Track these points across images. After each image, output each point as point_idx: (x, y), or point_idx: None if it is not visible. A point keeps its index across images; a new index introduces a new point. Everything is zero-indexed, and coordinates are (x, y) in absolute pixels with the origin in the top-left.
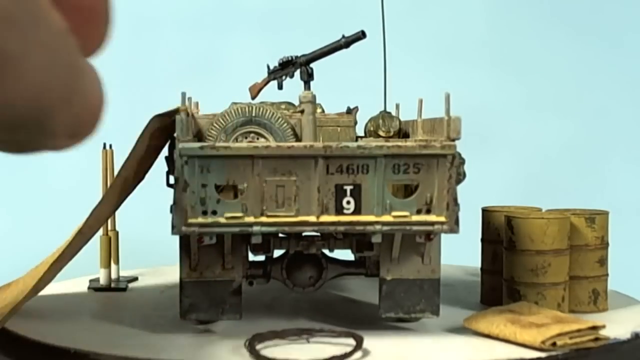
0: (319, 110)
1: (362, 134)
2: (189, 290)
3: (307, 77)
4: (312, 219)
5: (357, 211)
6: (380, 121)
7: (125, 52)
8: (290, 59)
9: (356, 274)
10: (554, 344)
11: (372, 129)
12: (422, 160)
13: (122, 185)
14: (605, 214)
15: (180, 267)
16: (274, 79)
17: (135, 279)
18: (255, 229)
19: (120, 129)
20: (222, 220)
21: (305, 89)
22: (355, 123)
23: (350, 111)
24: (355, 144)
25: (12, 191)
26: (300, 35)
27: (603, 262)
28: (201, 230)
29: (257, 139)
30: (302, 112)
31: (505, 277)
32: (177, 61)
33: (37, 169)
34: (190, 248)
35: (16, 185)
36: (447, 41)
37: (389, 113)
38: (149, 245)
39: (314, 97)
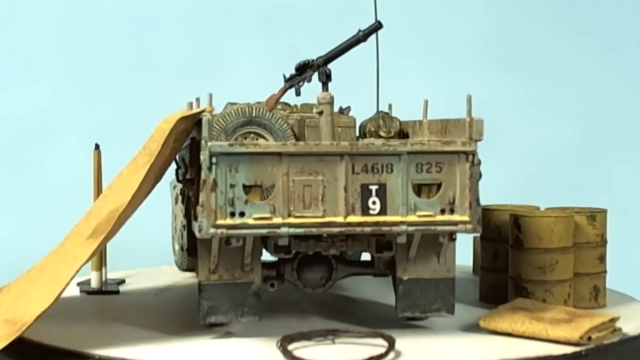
0: (314, 111)
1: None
2: (209, 293)
3: (325, 78)
4: (339, 219)
5: (382, 211)
6: (381, 121)
7: (126, 52)
8: (306, 62)
9: (365, 274)
10: (589, 338)
11: (372, 129)
12: (443, 159)
13: (148, 186)
14: (604, 212)
15: (198, 270)
16: (290, 86)
17: (122, 281)
18: (283, 230)
19: (120, 128)
20: (250, 221)
21: (323, 90)
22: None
23: (343, 111)
24: (380, 142)
25: (11, 192)
26: (300, 35)
27: (602, 259)
28: (229, 232)
29: (257, 139)
30: (320, 113)
31: (512, 274)
32: (177, 61)
33: (36, 169)
34: (211, 250)
35: (15, 185)
36: (446, 41)
37: (387, 113)
38: (131, 248)
39: (332, 98)
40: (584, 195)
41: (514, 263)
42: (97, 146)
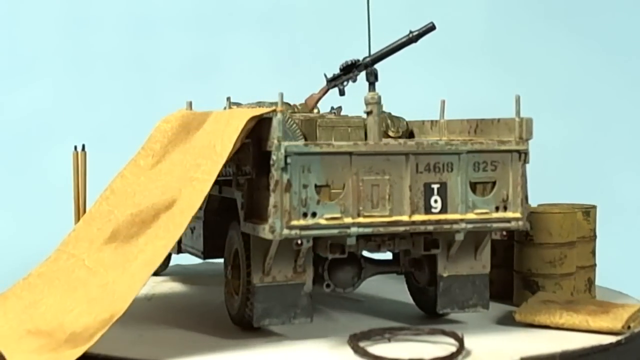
0: (315, 111)
1: None
2: (262, 295)
3: (373, 79)
4: (405, 218)
5: (443, 210)
6: (389, 121)
7: (126, 52)
8: (353, 62)
9: (391, 272)
10: (629, 327)
11: (381, 129)
12: (498, 158)
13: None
14: (595, 207)
15: (250, 272)
16: (334, 86)
17: None
18: (353, 230)
19: (121, 128)
20: (322, 222)
21: (370, 90)
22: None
23: (334, 111)
24: (443, 141)
25: (11, 192)
26: (300, 35)
27: (594, 252)
28: (302, 232)
29: None
30: (370, 113)
31: (519, 269)
32: (177, 61)
33: (36, 169)
34: (267, 252)
35: (15, 185)
36: (445, 41)
37: (390, 113)
38: None
39: (379, 98)
40: (573, 193)
41: (523, 258)
42: (82, 147)
